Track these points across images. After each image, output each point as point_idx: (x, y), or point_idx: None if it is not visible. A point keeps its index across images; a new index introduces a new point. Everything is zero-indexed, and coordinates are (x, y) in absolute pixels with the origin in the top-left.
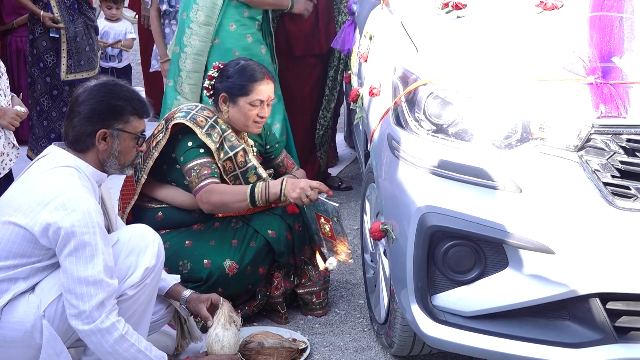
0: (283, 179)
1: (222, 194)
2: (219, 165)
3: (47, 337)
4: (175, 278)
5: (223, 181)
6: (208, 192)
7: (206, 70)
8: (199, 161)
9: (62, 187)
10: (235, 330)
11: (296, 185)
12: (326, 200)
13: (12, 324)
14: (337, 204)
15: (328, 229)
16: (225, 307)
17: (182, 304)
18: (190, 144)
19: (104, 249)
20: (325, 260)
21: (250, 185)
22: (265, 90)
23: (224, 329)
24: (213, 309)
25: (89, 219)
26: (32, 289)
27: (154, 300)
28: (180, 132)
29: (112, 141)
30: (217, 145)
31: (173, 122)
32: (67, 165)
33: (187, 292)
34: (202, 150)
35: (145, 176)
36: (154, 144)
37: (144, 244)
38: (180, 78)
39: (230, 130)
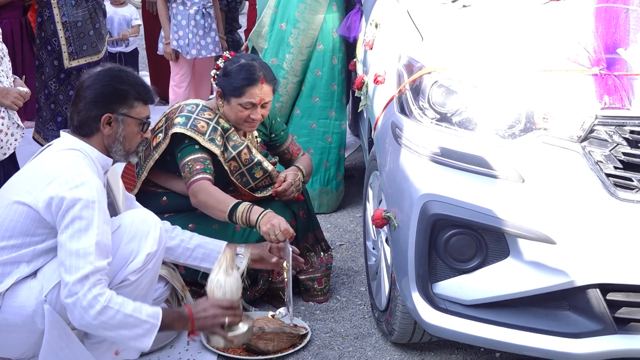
0: (265, 210)
1: (208, 195)
2: (225, 167)
3: (50, 320)
4: (223, 242)
5: (227, 180)
6: (198, 188)
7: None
8: (192, 157)
9: (67, 166)
10: (237, 276)
11: (269, 220)
12: (288, 244)
13: (14, 308)
14: (292, 247)
15: (286, 276)
16: (227, 253)
17: (238, 254)
18: (197, 146)
19: (100, 225)
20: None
21: (236, 202)
22: (259, 93)
23: (226, 275)
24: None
25: (90, 194)
26: (34, 274)
27: (154, 285)
28: (186, 138)
29: (117, 126)
30: (222, 149)
31: (172, 131)
32: (73, 148)
33: (241, 247)
34: (197, 147)
35: (145, 174)
36: (155, 143)
37: (146, 230)
38: (290, 55)
39: (232, 129)
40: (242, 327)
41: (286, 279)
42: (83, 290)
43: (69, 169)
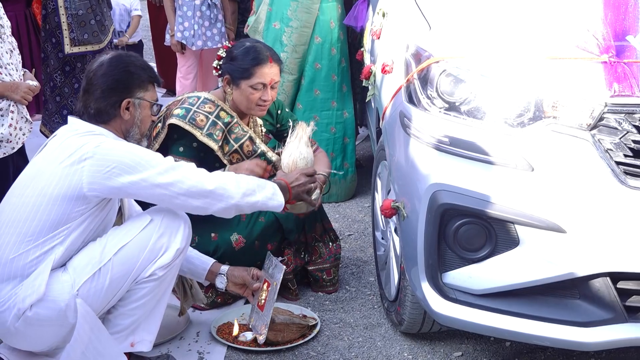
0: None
1: None
2: (225, 161)
3: (82, 313)
4: (211, 259)
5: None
6: None
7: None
8: (179, 157)
9: (87, 141)
10: (312, 150)
11: (241, 166)
12: (277, 261)
13: (47, 302)
14: (284, 267)
15: (263, 297)
16: (304, 126)
17: (220, 273)
18: (181, 149)
19: (147, 151)
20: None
21: None
22: (268, 73)
23: (307, 147)
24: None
25: (128, 145)
26: (64, 266)
27: (175, 279)
28: (176, 132)
29: (135, 110)
30: (220, 143)
31: (169, 122)
32: (92, 131)
33: (225, 267)
34: (181, 149)
35: None
36: (154, 133)
37: (176, 226)
38: (284, 54)
39: (235, 120)
40: (317, 191)
41: (263, 299)
42: (203, 184)
43: (87, 142)
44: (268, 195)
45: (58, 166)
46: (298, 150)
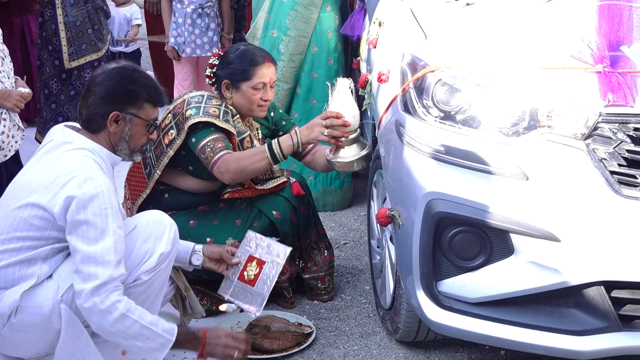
0: (295, 130)
1: (238, 159)
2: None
3: (67, 320)
4: (191, 243)
5: None
6: (225, 162)
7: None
8: (212, 137)
9: (79, 167)
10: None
11: (311, 125)
12: (277, 243)
13: (31, 308)
14: (290, 248)
15: (252, 274)
16: (343, 81)
17: (196, 250)
18: (212, 128)
19: (115, 231)
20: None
21: (267, 142)
22: (267, 73)
23: (351, 100)
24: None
25: (102, 200)
26: (50, 274)
27: (166, 285)
28: (198, 125)
29: (124, 125)
30: (235, 130)
31: (189, 123)
32: (82, 147)
33: (200, 245)
34: (212, 128)
35: (159, 172)
36: (167, 141)
37: (161, 231)
38: (281, 62)
39: (237, 116)
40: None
41: (253, 275)
42: (100, 297)
43: (81, 172)
44: (144, 348)
45: (42, 184)
46: (343, 105)
